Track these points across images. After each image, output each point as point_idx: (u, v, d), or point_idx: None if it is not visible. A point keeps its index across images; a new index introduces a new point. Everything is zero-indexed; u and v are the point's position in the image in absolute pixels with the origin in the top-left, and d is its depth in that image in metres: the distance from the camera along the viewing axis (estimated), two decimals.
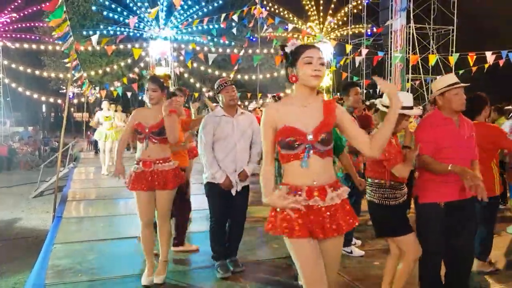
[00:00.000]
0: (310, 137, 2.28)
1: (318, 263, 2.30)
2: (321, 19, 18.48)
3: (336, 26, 19.09)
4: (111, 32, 15.92)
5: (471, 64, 10.90)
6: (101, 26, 18.01)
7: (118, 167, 3.98)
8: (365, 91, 19.75)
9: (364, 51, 12.38)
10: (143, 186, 3.83)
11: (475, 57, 11.18)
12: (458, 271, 3.33)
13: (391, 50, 16.43)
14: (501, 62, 10.53)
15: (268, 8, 16.71)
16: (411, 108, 3.21)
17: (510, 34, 19.01)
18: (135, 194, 3.90)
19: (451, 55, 12.15)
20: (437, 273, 3.34)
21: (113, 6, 16.69)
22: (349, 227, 2.35)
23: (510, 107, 6.11)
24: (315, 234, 2.27)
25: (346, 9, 19.35)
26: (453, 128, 3.25)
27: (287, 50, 2.37)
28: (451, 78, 3.35)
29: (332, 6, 18.48)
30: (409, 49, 16.35)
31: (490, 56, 10.32)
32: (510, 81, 17.58)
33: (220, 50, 16.37)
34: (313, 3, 18.25)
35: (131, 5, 16.50)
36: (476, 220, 3.50)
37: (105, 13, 17.36)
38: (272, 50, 17.28)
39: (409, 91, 18.27)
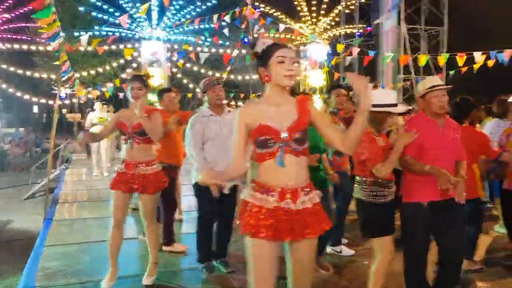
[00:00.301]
0: (284, 135, 2.28)
1: (271, 271, 2.31)
2: (313, 20, 18.53)
3: (329, 27, 19.15)
4: (103, 33, 15.87)
5: (460, 65, 10.96)
6: (95, 27, 17.95)
7: (85, 137, 3.86)
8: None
9: (355, 51, 12.40)
10: (122, 187, 3.81)
11: (465, 57, 11.24)
12: (445, 271, 3.36)
13: (382, 50, 16.52)
14: (490, 63, 10.61)
15: (260, 9, 16.73)
16: (395, 105, 3.25)
17: (502, 34, 19.16)
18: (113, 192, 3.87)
19: (440, 55, 12.23)
20: (422, 272, 3.37)
21: (104, 6, 16.61)
22: (319, 232, 2.35)
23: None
24: (283, 236, 2.25)
25: (338, 9, 19.41)
26: (437, 130, 3.31)
27: (257, 49, 2.36)
28: (432, 80, 3.39)
29: (325, 6, 18.52)
30: (400, 50, 16.47)
31: (479, 57, 10.39)
32: (500, 81, 17.73)
33: (213, 50, 16.37)
34: (305, 3, 18.29)
35: (124, 5, 16.45)
36: (464, 219, 3.53)
37: (94, 13, 17.26)
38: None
39: (401, 91, 18.43)
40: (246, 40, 14.11)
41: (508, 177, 4.45)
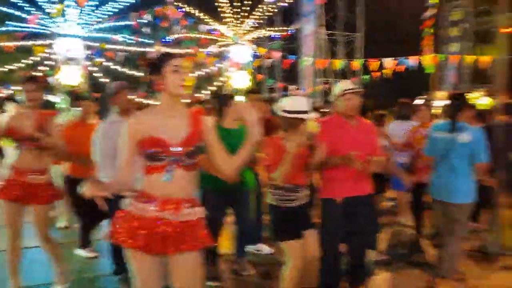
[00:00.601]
0: (176, 149, 2.22)
1: (154, 286, 2.27)
2: (237, 22, 18.69)
3: (252, 29, 19.42)
4: (14, 28, 14.84)
5: (374, 70, 11.70)
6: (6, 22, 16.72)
7: None
8: (281, 93, 20.37)
9: (276, 54, 12.73)
10: (10, 196, 3.53)
11: (379, 63, 11.99)
12: (355, 261, 3.66)
13: (302, 54, 17.10)
14: (399, 68, 11.44)
15: (182, 9, 16.57)
16: (305, 112, 3.35)
17: (412, 43, 20.60)
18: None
19: (354, 60, 12.96)
20: (336, 264, 3.61)
21: (15, 1, 15.51)
22: (199, 246, 2.30)
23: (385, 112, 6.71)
24: (162, 249, 2.19)
25: (260, 12, 19.74)
26: (349, 130, 3.55)
27: (151, 56, 2.29)
28: (345, 84, 3.63)
29: (248, 8, 18.77)
30: (319, 54, 17.14)
31: (389, 63, 11.17)
32: (410, 86, 19.10)
33: (134, 49, 15.96)
34: (227, 5, 18.39)
35: (39, 2, 15.47)
36: (372, 215, 3.79)
37: (4, 9, 16.05)
38: (188, 51, 17.17)
39: (322, 94, 19.18)
40: (167, 39, 13.91)
41: (417, 172, 4.88)
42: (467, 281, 4.19)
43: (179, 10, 14.05)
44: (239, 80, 16.86)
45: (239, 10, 18.33)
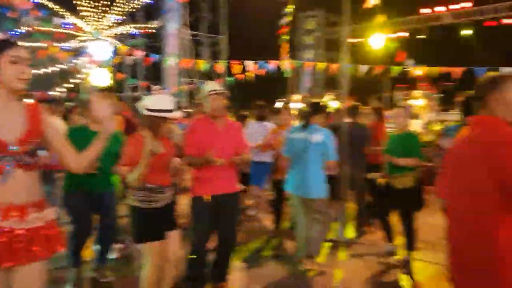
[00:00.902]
0: (14, 147, 2.02)
1: None
2: (98, 16, 17.63)
3: (114, 24, 18.49)
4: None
5: (236, 72, 12.11)
6: None
7: None
8: (145, 93, 19.79)
9: (138, 52, 12.36)
10: None
11: (242, 66, 12.42)
12: (221, 253, 3.86)
13: (165, 53, 16.88)
14: (261, 72, 12.03)
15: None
16: (170, 111, 3.34)
17: (272, 48, 21.71)
18: None
19: (216, 62, 13.26)
20: (202, 260, 3.76)
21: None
22: (49, 253, 2.11)
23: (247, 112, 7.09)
24: (2, 261, 1.97)
25: (121, 8, 18.93)
26: (215, 130, 3.69)
27: None
28: (211, 85, 3.77)
29: (108, 2, 17.82)
30: (183, 54, 17.12)
31: (250, 66, 11.67)
32: (271, 89, 20.13)
33: None
34: None
35: None
36: (237, 213, 4.02)
37: None
38: (39, 44, 15.72)
39: (187, 94, 19.16)
40: (15, 31, 12.55)
41: (278, 171, 5.29)
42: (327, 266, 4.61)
43: (31, 0, 12.75)
44: (99, 77, 15.96)
45: (99, 4, 17.34)
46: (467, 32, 15.43)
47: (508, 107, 2.03)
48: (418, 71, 11.62)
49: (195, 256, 3.72)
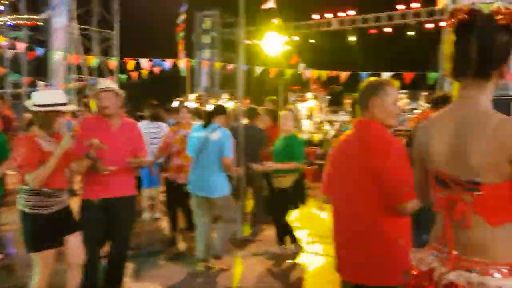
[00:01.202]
0: None
1: None
2: None
3: None
4: None
5: (130, 69, 11.70)
6: None
7: None
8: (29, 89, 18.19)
9: (20, 45, 11.35)
10: None
11: (134, 62, 12.02)
12: (113, 256, 3.74)
13: (52, 48, 15.70)
14: (156, 70, 11.77)
15: None
16: (64, 104, 3.20)
17: (169, 46, 21.33)
18: None
19: (108, 58, 12.73)
20: (95, 262, 3.61)
21: None
22: None
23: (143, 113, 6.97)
24: None
25: None
26: (107, 129, 3.56)
27: None
28: (103, 83, 3.69)
29: None
30: (71, 49, 16.04)
31: (145, 64, 11.37)
32: (168, 88, 19.75)
33: None
34: None
35: None
36: (130, 216, 3.88)
37: None
38: None
39: (76, 91, 18.01)
40: None
41: (171, 171, 5.21)
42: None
43: None
44: None
45: None
46: (352, 38, 16.61)
47: (386, 111, 2.27)
48: (309, 73, 12.25)
49: (87, 263, 3.53)
